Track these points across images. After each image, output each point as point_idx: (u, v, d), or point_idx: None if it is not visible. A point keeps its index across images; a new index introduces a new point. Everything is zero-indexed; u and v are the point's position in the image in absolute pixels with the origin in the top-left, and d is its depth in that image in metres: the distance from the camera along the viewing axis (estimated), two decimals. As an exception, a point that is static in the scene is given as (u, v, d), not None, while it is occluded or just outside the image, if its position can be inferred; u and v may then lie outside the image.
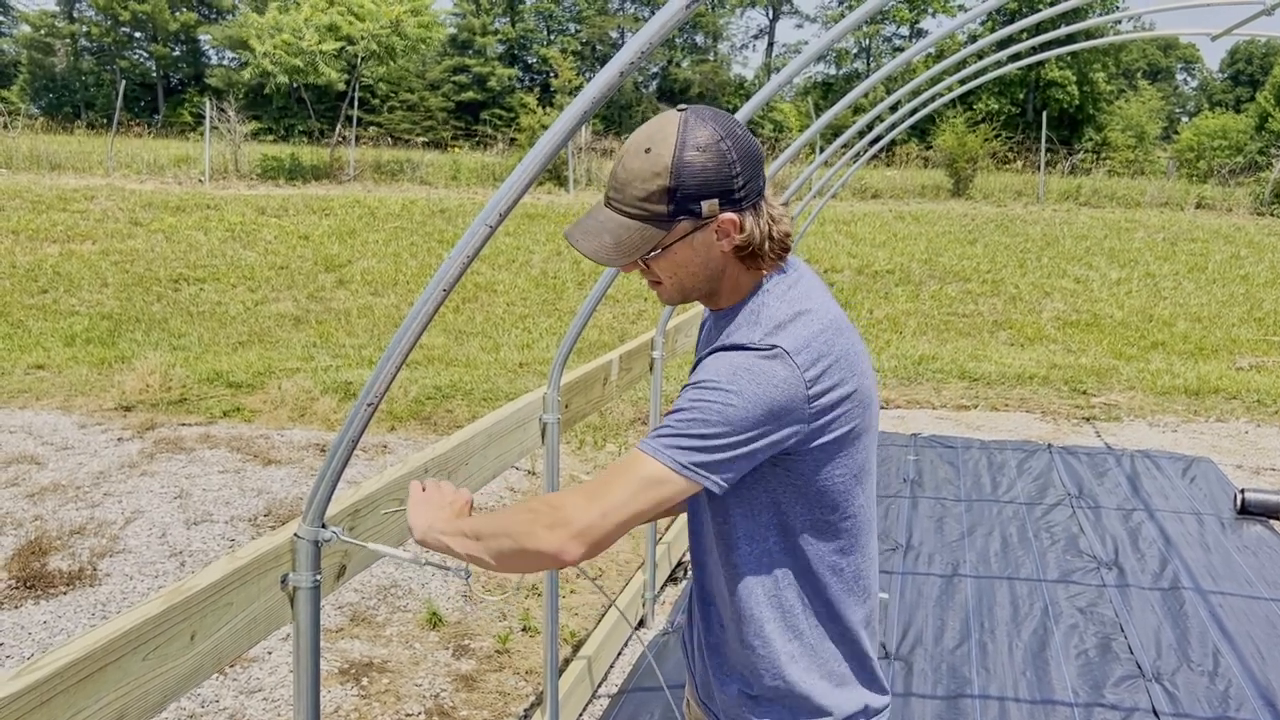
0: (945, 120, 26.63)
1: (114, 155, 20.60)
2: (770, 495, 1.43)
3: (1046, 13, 3.43)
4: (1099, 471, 5.99)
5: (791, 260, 1.49)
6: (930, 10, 46.81)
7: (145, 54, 47.30)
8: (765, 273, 1.46)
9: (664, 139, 1.35)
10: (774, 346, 1.35)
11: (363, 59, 23.05)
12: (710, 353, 1.40)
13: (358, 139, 25.34)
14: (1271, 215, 20.80)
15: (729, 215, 1.38)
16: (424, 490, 1.58)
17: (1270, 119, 33.20)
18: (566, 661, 3.53)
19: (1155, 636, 3.92)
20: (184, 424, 6.41)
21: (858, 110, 28.35)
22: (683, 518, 4.80)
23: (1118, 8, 38.89)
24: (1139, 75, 53.80)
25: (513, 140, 26.56)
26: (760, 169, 1.40)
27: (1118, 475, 5.92)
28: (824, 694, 1.50)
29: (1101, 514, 5.28)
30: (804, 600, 1.48)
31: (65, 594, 4.08)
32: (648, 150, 1.35)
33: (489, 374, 7.87)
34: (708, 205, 1.36)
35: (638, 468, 1.34)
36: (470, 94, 45.55)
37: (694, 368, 1.51)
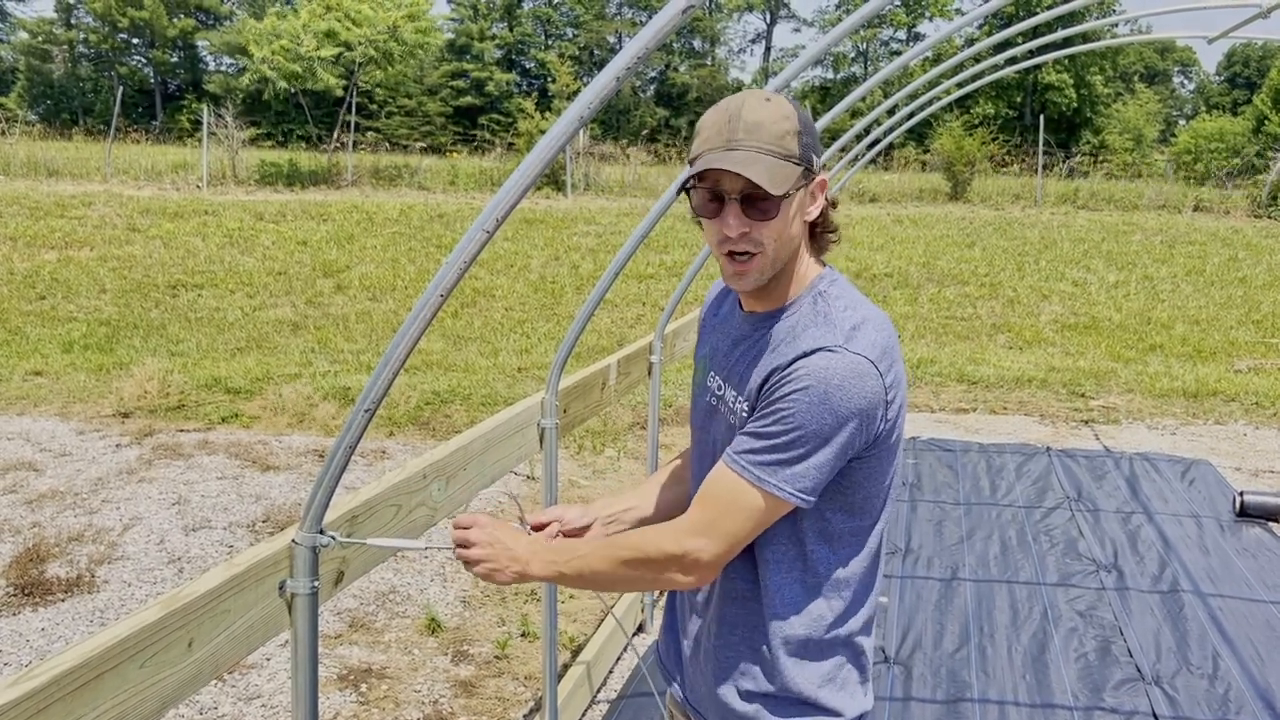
0: (943, 124, 26.69)
1: (112, 161, 20.60)
2: (818, 503, 1.43)
3: (1044, 16, 3.44)
4: (1098, 474, 5.98)
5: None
6: (927, 14, 46.93)
7: (143, 60, 47.36)
8: (817, 268, 1.50)
9: (772, 95, 1.40)
10: (860, 355, 1.35)
11: (360, 64, 23.08)
12: (793, 360, 1.37)
13: (356, 144, 25.37)
14: (1269, 218, 20.83)
15: (823, 178, 1.43)
16: (482, 539, 1.53)
17: (1267, 121, 33.24)
18: (565, 667, 3.53)
19: (1155, 639, 3.92)
20: (182, 430, 6.40)
21: (855, 114, 28.40)
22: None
23: (1115, 11, 38.99)
24: (1136, 78, 53.90)
25: (510, 145, 26.59)
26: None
27: (1116, 478, 5.92)
28: (833, 696, 1.52)
29: (1100, 517, 5.27)
30: (826, 604, 1.49)
31: (63, 601, 4.07)
32: (767, 100, 1.39)
33: (487, 379, 7.86)
34: (816, 160, 1.42)
35: (756, 503, 1.38)
36: (468, 99, 45.62)
37: (742, 360, 1.49)
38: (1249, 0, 3.54)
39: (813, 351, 1.36)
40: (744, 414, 1.44)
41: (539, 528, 1.64)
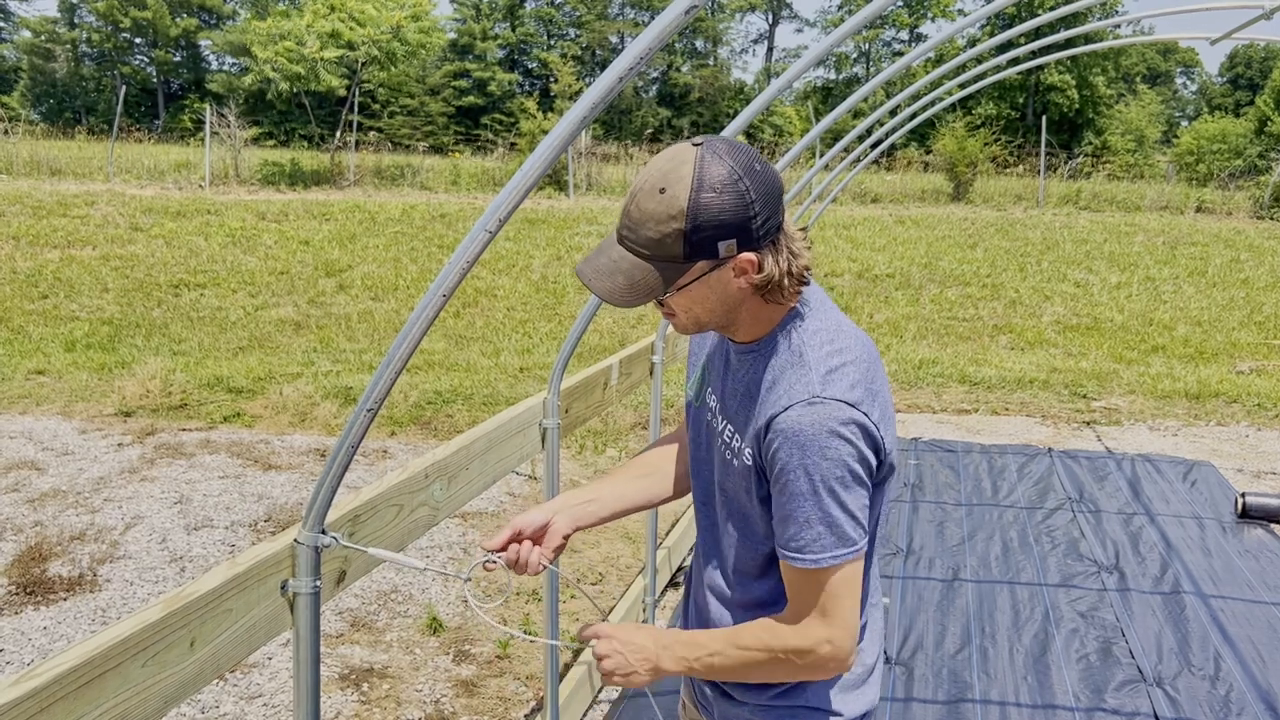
0: (945, 125, 26.69)
1: (114, 161, 20.63)
2: None
3: (1046, 17, 3.44)
4: (1100, 475, 5.98)
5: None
6: (930, 15, 46.93)
7: (146, 60, 47.40)
8: (785, 304, 1.43)
9: (679, 179, 1.30)
10: (841, 401, 1.34)
11: (363, 65, 23.10)
12: (777, 415, 1.36)
13: (358, 144, 25.38)
14: (1271, 219, 20.82)
15: (747, 255, 1.34)
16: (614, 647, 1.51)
17: (1270, 123, 33.23)
18: (567, 667, 3.53)
19: (1156, 641, 3.92)
20: (184, 429, 6.41)
21: (857, 114, 28.41)
22: (683, 524, 4.79)
23: (1117, 12, 38.97)
24: (1138, 79, 53.87)
25: (513, 145, 26.60)
26: (779, 204, 1.36)
27: (1118, 479, 5.92)
28: (833, 699, 1.53)
29: (1102, 518, 5.27)
30: None
31: (65, 600, 4.08)
32: (662, 190, 1.31)
33: (489, 379, 7.87)
34: (725, 246, 1.33)
35: (842, 579, 1.39)
36: (471, 99, 45.65)
37: (734, 393, 1.48)
38: (1252, 2, 3.55)
39: (792, 406, 1.35)
40: (749, 460, 1.43)
41: (502, 549, 1.59)
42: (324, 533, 1.56)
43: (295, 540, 1.56)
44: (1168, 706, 3.43)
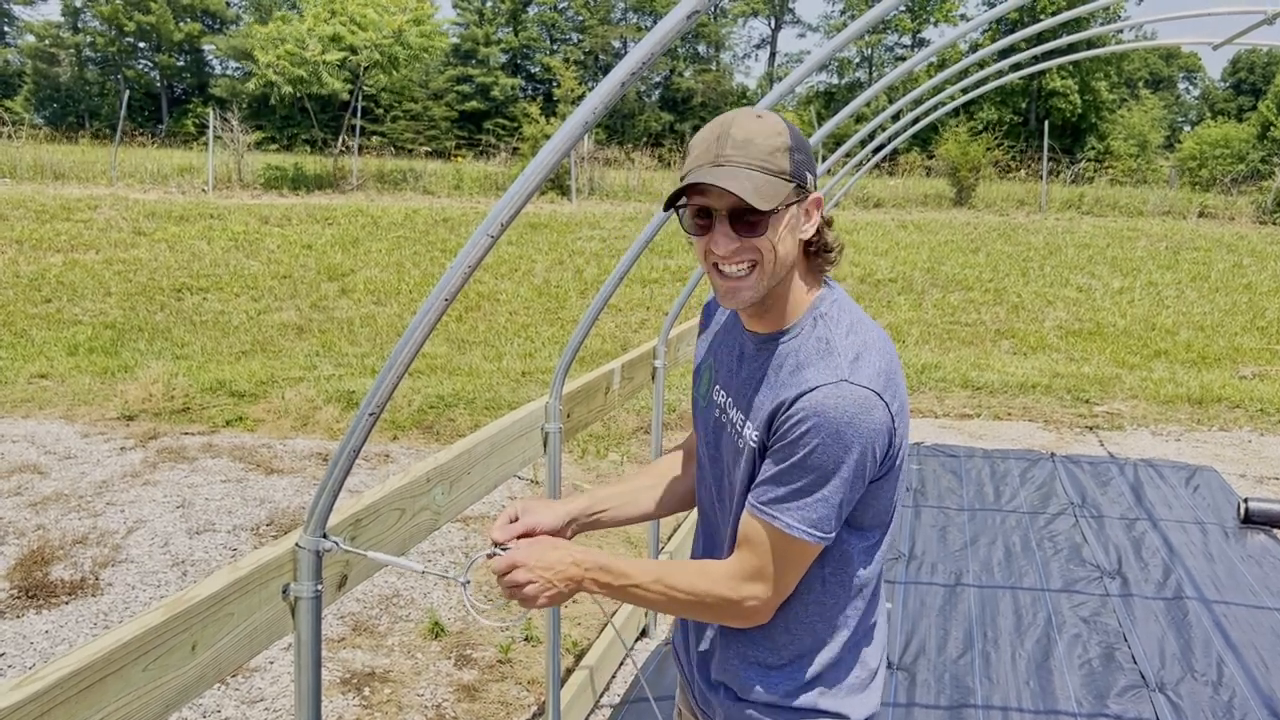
0: (947, 129, 26.69)
1: (118, 165, 20.67)
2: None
3: (1048, 22, 3.44)
4: (1102, 480, 5.97)
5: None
6: (932, 20, 46.97)
7: (149, 64, 47.51)
8: (815, 288, 1.47)
9: (764, 112, 1.38)
10: (866, 389, 1.34)
11: (366, 69, 23.14)
12: (799, 396, 1.35)
13: (361, 148, 25.42)
14: (1274, 224, 20.81)
15: (816, 195, 1.42)
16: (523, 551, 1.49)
17: (1272, 128, 33.23)
18: (569, 671, 3.53)
19: (1159, 646, 3.91)
20: (186, 433, 6.41)
21: (860, 119, 28.42)
22: (684, 529, 4.78)
23: (1119, 17, 38.98)
24: (1141, 84, 53.88)
25: (515, 150, 26.63)
26: None
27: (1121, 484, 5.91)
28: (839, 701, 1.53)
29: (1105, 523, 5.26)
30: (840, 618, 1.51)
31: (67, 604, 4.08)
32: (759, 116, 1.36)
33: (491, 383, 7.87)
34: (811, 180, 1.40)
35: (797, 550, 1.40)
36: (473, 104, 45.73)
37: (748, 383, 1.48)
38: (1255, 6, 3.54)
39: (819, 386, 1.34)
40: (754, 443, 1.42)
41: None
42: (325, 537, 1.56)
43: (297, 544, 1.56)
44: (1170, 712, 3.43)
